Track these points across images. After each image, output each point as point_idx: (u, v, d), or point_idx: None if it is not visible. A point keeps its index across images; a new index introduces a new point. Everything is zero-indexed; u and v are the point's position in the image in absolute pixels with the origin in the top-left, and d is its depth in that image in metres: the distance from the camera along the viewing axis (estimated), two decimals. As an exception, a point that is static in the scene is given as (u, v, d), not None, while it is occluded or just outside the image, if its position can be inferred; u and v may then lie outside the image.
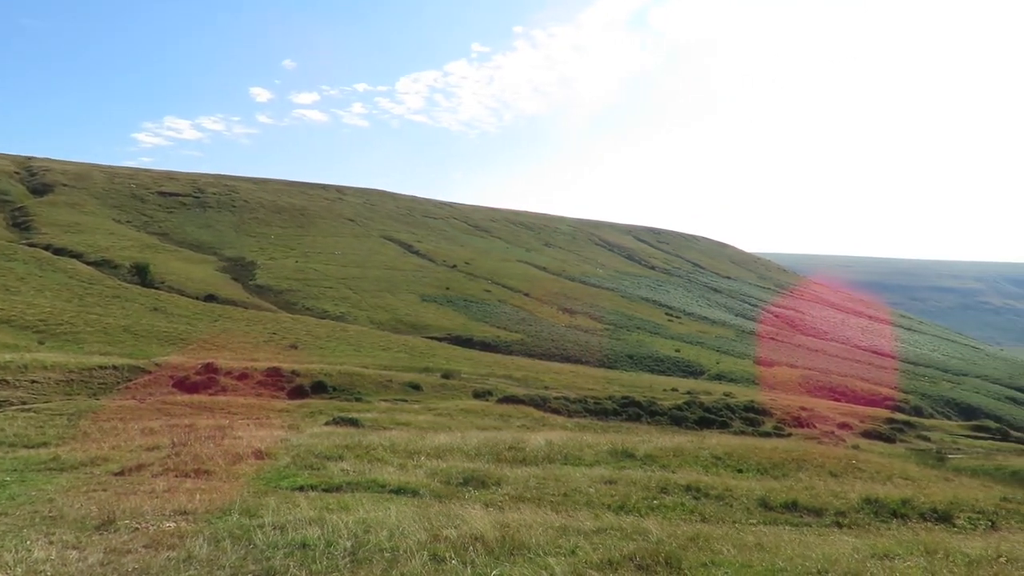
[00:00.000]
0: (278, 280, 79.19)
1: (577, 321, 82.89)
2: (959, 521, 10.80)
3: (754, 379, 64.56)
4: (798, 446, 19.01)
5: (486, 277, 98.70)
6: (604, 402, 35.66)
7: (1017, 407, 77.52)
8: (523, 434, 18.34)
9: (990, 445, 40.11)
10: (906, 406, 61.73)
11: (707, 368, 67.02)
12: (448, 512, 8.08)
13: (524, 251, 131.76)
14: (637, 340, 76.89)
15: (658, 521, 8.85)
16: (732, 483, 12.24)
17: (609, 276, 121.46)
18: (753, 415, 37.41)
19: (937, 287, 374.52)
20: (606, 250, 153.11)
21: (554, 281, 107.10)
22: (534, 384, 42.91)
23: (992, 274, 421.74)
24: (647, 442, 16.87)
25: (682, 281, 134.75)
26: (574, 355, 64.87)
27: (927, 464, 22.49)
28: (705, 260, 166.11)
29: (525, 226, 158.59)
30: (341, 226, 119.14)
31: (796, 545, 7.77)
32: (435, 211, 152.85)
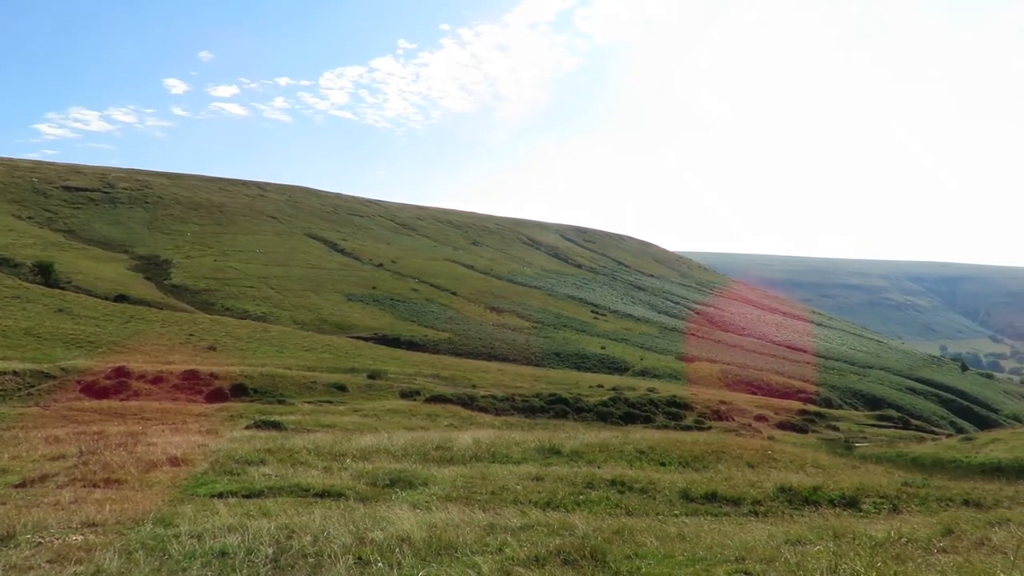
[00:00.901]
0: (195, 279, 76.23)
1: (505, 319, 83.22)
2: (865, 506, 11.41)
3: (676, 374, 66.38)
4: (717, 439, 19.68)
5: (413, 276, 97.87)
6: (532, 400, 35.93)
7: (916, 397, 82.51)
8: (451, 433, 18.29)
9: (893, 433, 42.56)
10: (817, 398, 64.78)
11: (632, 364, 68.48)
12: (374, 514, 7.98)
13: (452, 250, 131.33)
14: (564, 338, 77.84)
15: (584, 516, 8.99)
16: (655, 476, 12.57)
17: (536, 275, 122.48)
18: (676, 409, 38.44)
19: (846, 285, 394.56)
20: (534, 249, 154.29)
21: (482, 280, 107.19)
22: (462, 383, 42.83)
23: (895, 272, 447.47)
24: (574, 438, 17.13)
25: (607, 279, 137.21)
26: (502, 353, 65.12)
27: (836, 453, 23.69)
28: (630, 259, 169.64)
29: (453, 224, 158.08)
30: (262, 224, 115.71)
31: (715, 534, 8.05)
32: (361, 209, 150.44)
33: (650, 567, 6.32)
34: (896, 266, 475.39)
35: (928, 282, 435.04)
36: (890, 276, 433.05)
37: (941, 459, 23.36)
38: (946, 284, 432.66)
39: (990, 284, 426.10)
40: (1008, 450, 24.75)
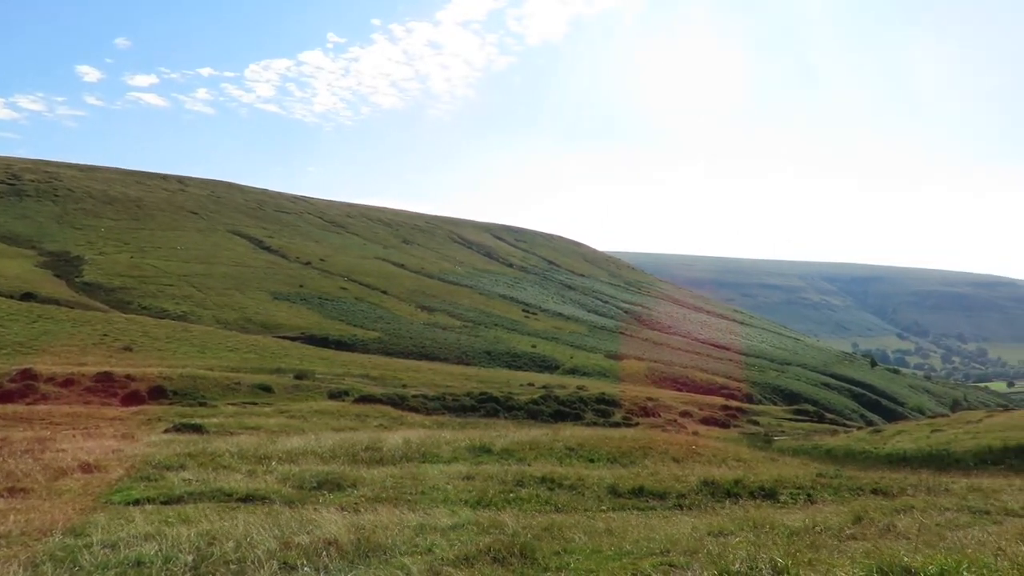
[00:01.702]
0: (110, 277, 72.76)
1: (436, 318, 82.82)
2: (783, 497, 11.89)
3: (606, 372, 67.57)
4: (644, 435, 20.14)
5: (342, 274, 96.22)
6: (462, 399, 35.91)
7: (830, 392, 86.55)
8: (380, 434, 18.09)
9: (809, 427, 44.54)
10: (739, 393, 67.13)
11: (562, 363, 69.28)
12: (301, 517, 7.81)
13: (382, 248, 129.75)
14: (495, 337, 78.06)
15: (514, 514, 9.03)
16: (584, 473, 12.75)
17: (468, 273, 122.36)
18: (604, 406, 39.12)
19: (766, 284, 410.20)
20: (465, 247, 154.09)
21: (413, 278, 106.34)
22: (392, 383, 42.40)
23: (812, 273, 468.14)
24: (504, 437, 17.20)
25: (538, 279, 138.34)
26: (433, 353, 64.79)
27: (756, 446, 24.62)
28: (560, 258, 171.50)
29: (383, 222, 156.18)
30: (183, 219, 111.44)
31: (642, 528, 8.23)
32: (288, 205, 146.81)
33: (578, 562, 6.41)
34: (812, 267, 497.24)
35: (841, 282, 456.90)
36: (807, 276, 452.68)
37: (852, 451, 24.59)
38: (858, 284, 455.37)
39: (898, 284, 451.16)
40: (912, 441, 26.27)
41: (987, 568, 4.51)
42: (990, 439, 23.23)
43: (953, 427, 29.97)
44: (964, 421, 32.41)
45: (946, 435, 26.92)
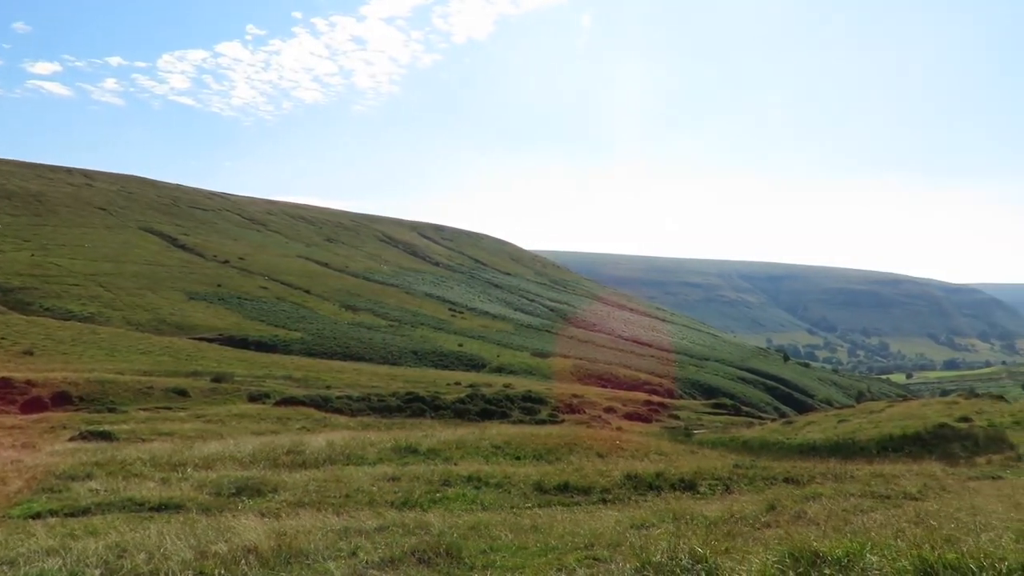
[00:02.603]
0: (7, 276, 68.27)
1: (360, 318, 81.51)
2: (702, 488, 12.28)
3: (532, 370, 68.07)
4: (570, 431, 20.43)
5: (263, 273, 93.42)
6: (388, 399, 35.48)
7: (746, 385, 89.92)
8: (303, 436, 17.69)
9: (726, 420, 46.10)
10: (661, 389, 68.90)
11: (489, 361, 69.39)
12: (218, 525, 7.55)
13: (304, 246, 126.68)
14: (421, 336, 77.48)
15: (441, 513, 9.01)
16: (511, 470, 12.82)
17: (393, 272, 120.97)
18: (531, 404, 39.41)
19: (687, 283, 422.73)
20: (390, 246, 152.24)
21: (336, 277, 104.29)
22: (315, 384, 41.47)
23: (729, 271, 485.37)
24: (430, 436, 17.11)
25: (465, 277, 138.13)
26: (358, 353, 63.73)
27: (677, 440, 25.33)
28: (487, 257, 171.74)
29: (306, 220, 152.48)
30: (90, 216, 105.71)
31: (567, 523, 8.35)
32: (204, 202, 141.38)
33: (505, 560, 6.45)
34: (730, 266, 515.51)
35: (757, 280, 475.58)
36: (725, 275, 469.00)
37: (767, 442, 25.62)
38: (772, 283, 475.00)
39: (808, 283, 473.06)
40: (821, 431, 27.58)
41: (888, 549, 4.78)
42: (891, 428, 24.64)
43: (858, 417, 31.62)
44: (868, 411, 34.25)
45: (852, 425, 28.39)
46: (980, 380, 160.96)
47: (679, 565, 4.99)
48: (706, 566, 4.85)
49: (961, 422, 24.10)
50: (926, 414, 27.75)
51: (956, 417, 25.36)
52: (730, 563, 4.89)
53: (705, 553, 5.07)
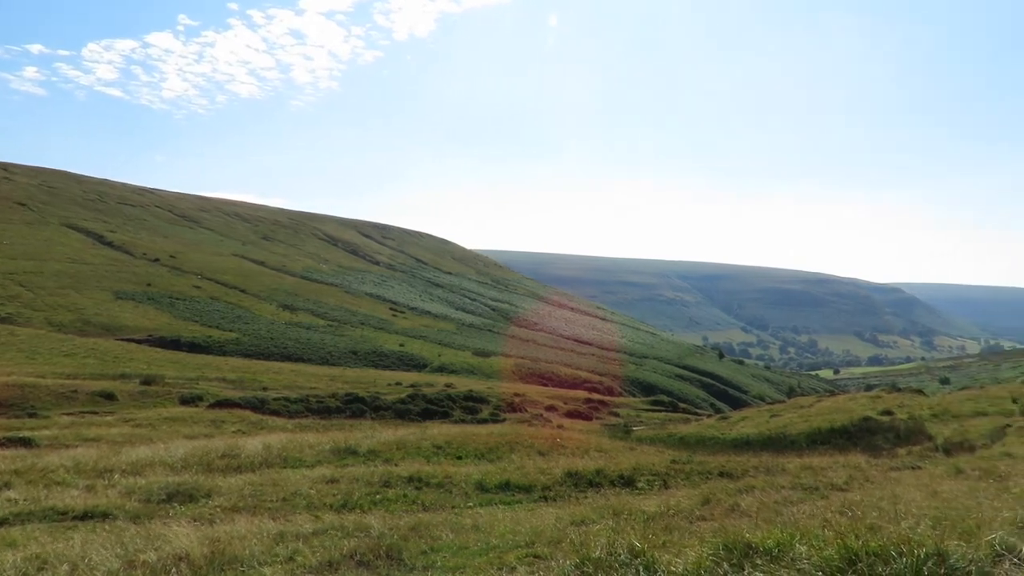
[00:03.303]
0: (-84, 275, 64.26)
1: (299, 318, 79.88)
2: (640, 484, 12.51)
3: (474, 369, 68.00)
4: (511, 430, 20.50)
5: (196, 272, 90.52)
6: (327, 400, 34.88)
7: (683, 383, 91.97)
8: (238, 440, 17.23)
9: (664, 416, 47.04)
10: (601, 387, 69.83)
11: (430, 361, 69.00)
12: (148, 533, 7.29)
13: (240, 244, 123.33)
14: (362, 336, 76.47)
15: (381, 515, 8.92)
16: (452, 470, 12.79)
17: (333, 271, 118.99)
18: (472, 404, 39.37)
19: (626, 282, 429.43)
20: (330, 244, 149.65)
21: (274, 276, 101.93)
22: (251, 386, 40.44)
23: (667, 271, 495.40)
24: (371, 438, 16.92)
25: (406, 276, 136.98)
26: (296, 353, 62.44)
27: (617, 437, 25.72)
28: (429, 256, 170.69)
29: (241, 217, 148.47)
30: (8, 211, 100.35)
31: (508, 522, 8.38)
32: (133, 198, 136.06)
33: (445, 560, 6.42)
34: (668, 266, 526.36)
35: (694, 280, 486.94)
36: (662, 274, 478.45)
37: (703, 437, 26.27)
38: (708, 282, 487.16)
39: (743, 282, 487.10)
40: (754, 426, 28.45)
41: (816, 539, 4.97)
42: (819, 422, 25.61)
43: (789, 412, 32.73)
44: (798, 406, 35.49)
45: (783, 420, 29.38)
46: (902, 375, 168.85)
47: (618, 560, 5.06)
48: (644, 560, 4.94)
49: (884, 415, 25.22)
50: (852, 408, 28.92)
51: (879, 411, 26.52)
52: (667, 556, 4.99)
53: (643, 547, 5.16)
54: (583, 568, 5.12)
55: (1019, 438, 17.30)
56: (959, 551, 4.31)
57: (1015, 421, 20.94)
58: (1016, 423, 20.43)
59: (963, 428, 21.34)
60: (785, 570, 4.44)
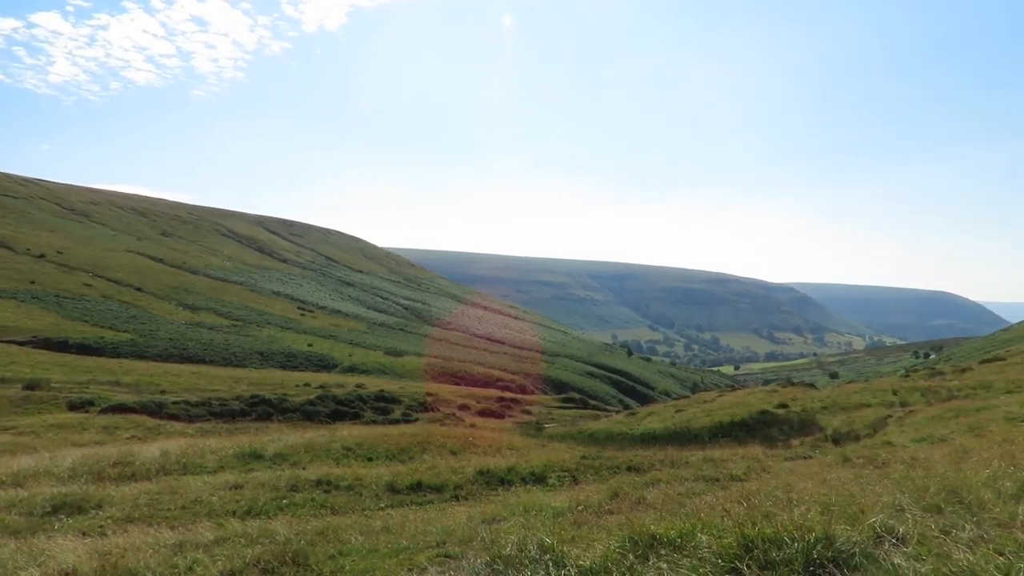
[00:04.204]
0: None
1: (200, 318, 76.50)
2: (551, 480, 12.70)
3: (385, 369, 67.12)
4: (423, 430, 20.34)
5: (86, 269, 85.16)
6: (231, 403, 33.57)
7: (594, 380, 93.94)
8: (133, 447, 16.34)
9: (575, 413, 47.90)
10: (514, 385, 70.37)
11: (340, 361, 67.61)
12: (30, 549, 6.81)
13: (135, 240, 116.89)
14: (268, 336, 74.04)
15: (288, 520, 8.69)
16: (362, 472, 12.58)
17: (237, 269, 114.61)
18: (384, 404, 38.84)
19: (538, 281, 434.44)
20: (234, 241, 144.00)
21: (173, 274, 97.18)
22: (148, 389, 38.43)
23: (578, 270, 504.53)
24: (277, 441, 16.41)
25: (315, 275, 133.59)
26: (197, 355, 59.76)
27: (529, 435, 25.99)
28: (339, 254, 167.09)
29: (137, 212, 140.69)
30: None
31: (419, 522, 8.32)
32: (15, 188, 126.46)
33: (354, 564, 6.31)
34: (578, 265, 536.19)
35: (603, 279, 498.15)
36: (573, 274, 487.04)
37: (612, 433, 26.91)
38: (617, 281, 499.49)
39: (650, 281, 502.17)
40: (661, 421, 29.38)
41: (716, 528, 5.19)
42: (721, 416, 26.72)
43: (693, 407, 34.01)
44: (701, 401, 36.93)
45: (687, 414, 30.48)
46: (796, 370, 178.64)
47: (528, 556, 5.12)
48: (553, 555, 5.02)
49: (780, 408, 26.59)
50: (751, 402, 30.35)
51: (776, 404, 27.94)
52: (576, 551, 5.09)
53: (553, 543, 5.24)
54: (494, 566, 5.15)
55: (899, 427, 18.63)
56: (845, 534, 4.59)
57: (895, 412, 22.52)
58: (896, 414, 21.98)
59: (850, 419, 22.77)
60: (687, 559, 4.61)
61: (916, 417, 19.49)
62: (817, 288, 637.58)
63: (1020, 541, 4.29)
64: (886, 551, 4.44)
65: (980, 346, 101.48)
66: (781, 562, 4.38)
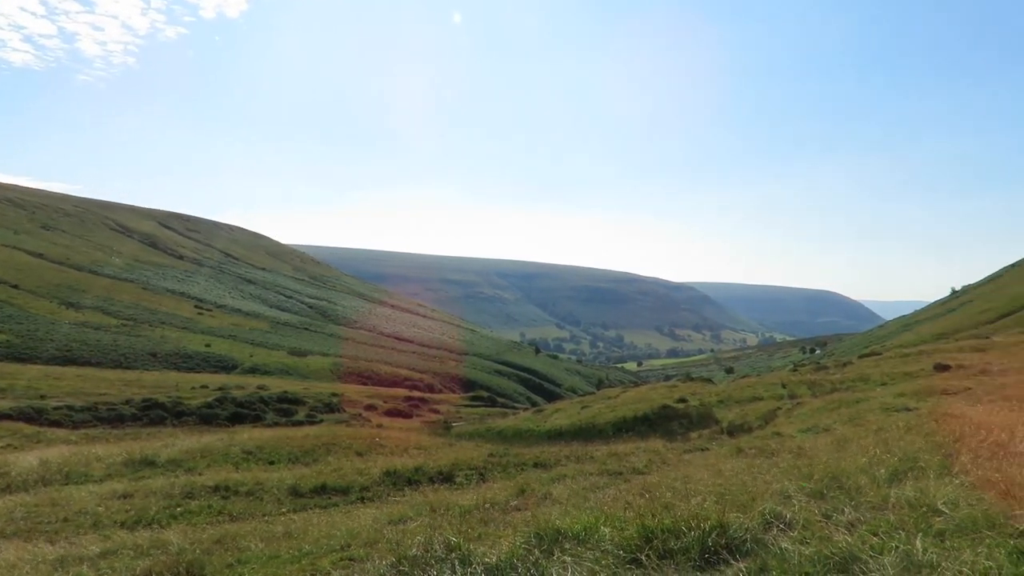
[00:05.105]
0: None
1: (87, 317, 71.78)
2: (459, 479, 12.69)
3: (289, 370, 65.14)
4: (328, 431, 19.88)
5: (-47, 264, 78.23)
6: (120, 407, 31.71)
7: (502, 378, 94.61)
8: (8, 456, 15.18)
9: (483, 411, 48.08)
10: (422, 384, 69.86)
11: (241, 362, 65.10)
12: None
13: (12, 233, 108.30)
14: (162, 336, 70.34)
15: (182, 529, 8.31)
16: (263, 476, 12.18)
17: (128, 266, 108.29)
18: (287, 405, 37.72)
19: (447, 280, 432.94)
20: (125, 236, 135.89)
21: (55, 271, 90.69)
22: (25, 394, 35.71)
23: (487, 269, 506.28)
24: (171, 446, 15.66)
25: (214, 272, 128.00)
26: (82, 356, 56.05)
27: (437, 434, 25.89)
28: (240, 251, 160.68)
29: (14, 203, 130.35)
30: None
31: (323, 526, 8.13)
32: None
33: (254, 572, 6.10)
34: (488, 264, 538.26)
35: (512, 278, 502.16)
36: (482, 273, 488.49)
37: (519, 430, 27.20)
38: (525, 280, 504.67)
39: (557, 280, 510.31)
40: (567, 417, 29.93)
41: (618, 520, 5.33)
42: (625, 411, 27.50)
43: (598, 403, 34.81)
44: (606, 397, 37.86)
45: (592, 410, 31.18)
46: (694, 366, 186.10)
47: (434, 556, 5.10)
48: (460, 554, 5.02)
49: (679, 403, 27.63)
50: (652, 398, 31.36)
51: (675, 399, 29.01)
52: (482, 548, 5.10)
53: (459, 541, 5.24)
54: (399, 567, 5.10)
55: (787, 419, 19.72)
56: (737, 522, 4.83)
57: (784, 404, 23.84)
58: (785, 406, 23.27)
59: (744, 412, 23.93)
60: (590, 552, 4.72)
61: (803, 409, 20.67)
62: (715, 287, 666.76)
63: (892, 522, 4.63)
64: (774, 536, 4.69)
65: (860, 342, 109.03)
66: (679, 551, 4.55)
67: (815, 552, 4.24)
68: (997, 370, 19.35)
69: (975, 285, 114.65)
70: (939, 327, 74.61)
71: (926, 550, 3.98)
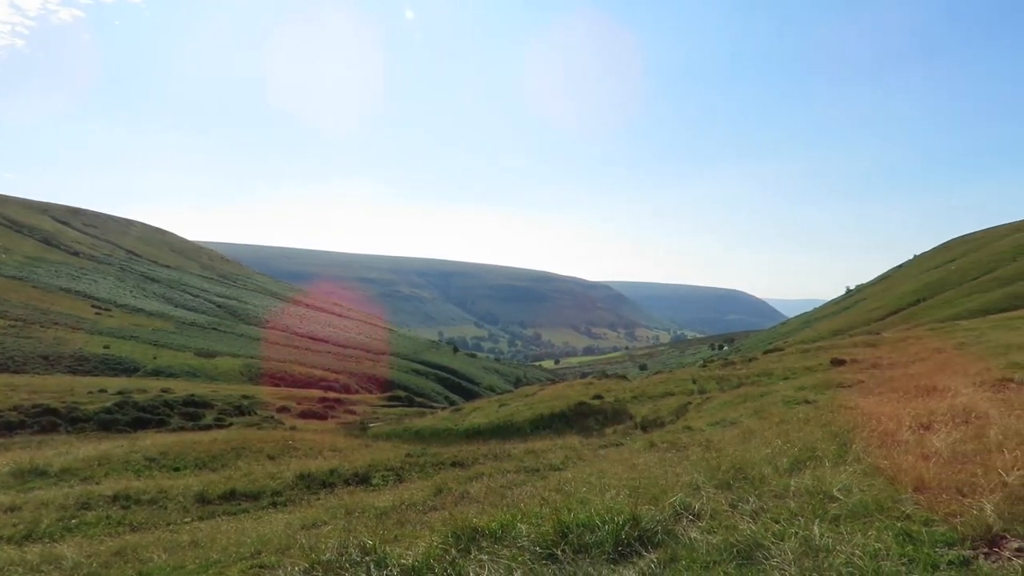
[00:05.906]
0: None
1: (-32, 318, 66.60)
2: (375, 480, 12.50)
3: (196, 371, 62.53)
4: (238, 435, 19.20)
5: None
6: (7, 414, 29.60)
7: (420, 377, 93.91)
8: None
9: (401, 411, 47.55)
10: (337, 385, 68.45)
11: (143, 364, 61.97)
12: None
13: None
14: (55, 337, 66.05)
15: (78, 542, 7.85)
16: (167, 483, 11.66)
17: (17, 263, 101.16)
18: (194, 409, 36.17)
19: (363, 278, 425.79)
20: (13, 231, 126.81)
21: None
22: (-103, 402, 32.81)
23: (404, 268, 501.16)
24: (65, 455, 14.76)
25: (114, 270, 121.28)
26: (-37, 360, 51.98)
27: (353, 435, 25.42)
28: (142, 247, 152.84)
29: None
30: None
31: (232, 533, 7.85)
32: None
33: (156, 584, 5.82)
34: (405, 262, 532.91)
35: (430, 277, 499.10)
36: (399, 271, 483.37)
37: (437, 429, 27.04)
38: (443, 279, 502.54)
39: (476, 279, 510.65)
40: (485, 416, 29.98)
41: (534, 517, 5.39)
42: (542, 408, 27.76)
43: (516, 401, 35.01)
44: (524, 395, 38.12)
45: (510, 408, 31.34)
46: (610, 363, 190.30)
47: (349, 559, 5.00)
48: (375, 557, 4.94)
49: (595, 399, 28.14)
50: (569, 394, 31.81)
51: (591, 396, 29.52)
52: (398, 550, 5.05)
53: (374, 544, 5.16)
54: (312, 573, 4.97)
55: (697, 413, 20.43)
56: (649, 514, 4.96)
57: (694, 399, 24.67)
58: (695, 401, 24.09)
59: (656, 407, 24.62)
60: (507, 549, 4.74)
61: (712, 403, 21.45)
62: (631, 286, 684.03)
63: (792, 509, 4.87)
64: (684, 527, 4.85)
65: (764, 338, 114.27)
66: (593, 544, 4.64)
67: (722, 540, 4.41)
68: (886, 364, 20.65)
69: (867, 284, 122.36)
70: (836, 324, 79.24)
71: (823, 535, 4.21)
